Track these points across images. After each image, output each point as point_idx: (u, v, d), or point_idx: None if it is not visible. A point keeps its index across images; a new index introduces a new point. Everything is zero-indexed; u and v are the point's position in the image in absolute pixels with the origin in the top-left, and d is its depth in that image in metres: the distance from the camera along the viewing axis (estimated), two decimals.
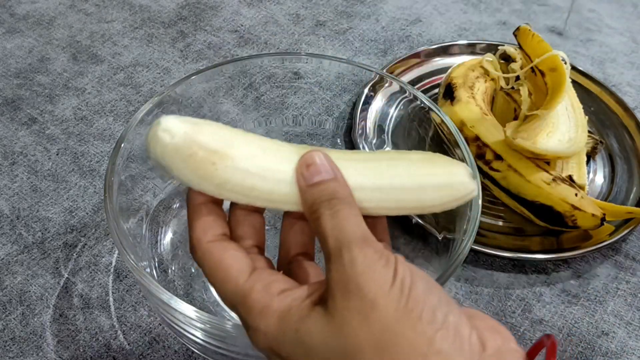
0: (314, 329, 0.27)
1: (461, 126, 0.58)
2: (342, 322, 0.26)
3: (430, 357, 0.25)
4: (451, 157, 0.49)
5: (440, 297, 0.27)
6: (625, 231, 0.55)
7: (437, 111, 0.50)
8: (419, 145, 0.57)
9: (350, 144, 0.61)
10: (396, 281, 0.26)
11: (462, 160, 0.47)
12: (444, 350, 0.25)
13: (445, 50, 0.73)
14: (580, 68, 0.70)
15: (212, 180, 0.30)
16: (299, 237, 0.35)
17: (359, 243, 0.27)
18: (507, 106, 0.63)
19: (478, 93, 0.62)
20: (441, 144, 0.51)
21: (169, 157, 0.30)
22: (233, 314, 0.49)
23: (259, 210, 0.34)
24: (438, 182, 0.33)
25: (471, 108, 0.60)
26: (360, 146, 0.59)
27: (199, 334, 0.40)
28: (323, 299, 0.28)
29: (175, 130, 0.30)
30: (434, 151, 0.53)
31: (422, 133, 0.55)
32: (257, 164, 0.30)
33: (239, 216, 0.34)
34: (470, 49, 0.73)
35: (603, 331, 0.51)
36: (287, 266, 0.35)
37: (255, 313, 0.29)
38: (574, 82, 0.69)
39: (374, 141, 0.60)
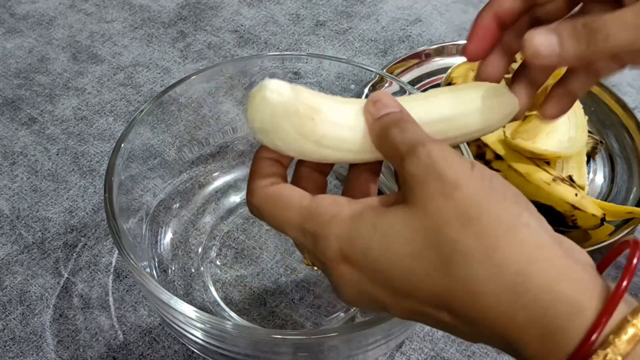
0: (394, 218, 0.27)
1: None
2: (424, 205, 0.26)
3: (521, 228, 0.26)
4: None
5: (519, 192, 0.28)
6: (625, 231, 0.55)
7: None
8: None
9: None
10: (475, 169, 0.27)
11: None
12: (532, 225, 0.26)
13: (445, 50, 0.72)
14: None
15: (312, 136, 0.31)
16: (364, 187, 0.35)
17: (433, 141, 0.28)
18: None
19: None
20: None
21: (278, 116, 0.30)
22: (233, 314, 0.49)
23: (323, 171, 0.35)
24: (490, 103, 0.35)
25: None
26: None
27: (199, 334, 0.40)
28: (397, 200, 0.28)
29: (282, 89, 0.30)
30: None
31: None
32: (345, 117, 0.32)
33: (303, 172, 0.35)
34: None
35: None
36: None
37: (325, 220, 0.29)
38: None
39: None
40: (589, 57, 0.32)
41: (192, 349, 0.46)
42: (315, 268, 0.32)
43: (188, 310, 0.38)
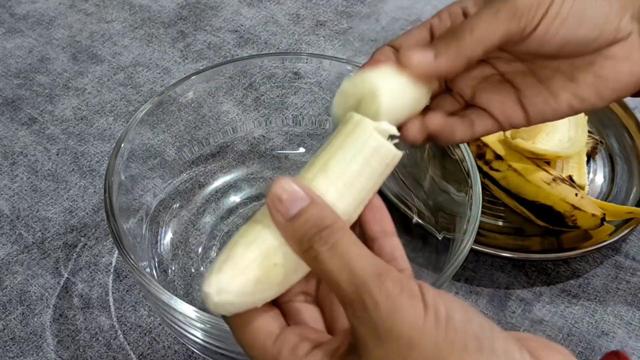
0: None
1: None
2: None
3: None
4: (451, 157, 0.49)
5: (482, 323, 0.24)
6: (625, 231, 0.55)
7: None
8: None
9: None
10: (428, 314, 0.24)
11: (462, 160, 0.47)
12: None
13: None
14: None
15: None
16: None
17: (375, 281, 0.25)
18: None
19: None
20: None
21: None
22: None
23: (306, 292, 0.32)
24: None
25: None
26: None
27: (199, 334, 0.40)
28: (353, 348, 0.26)
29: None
30: (434, 152, 0.53)
31: None
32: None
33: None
34: None
35: (603, 331, 0.51)
36: (289, 304, 0.31)
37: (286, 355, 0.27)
38: None
39: None
40: (463, 54, 0.33)
41: (192, 349, 0.46)
42: None
43: (188, 310, 0.38)
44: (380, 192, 0.34)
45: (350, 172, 0.30)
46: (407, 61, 0.33)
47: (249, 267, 0.28)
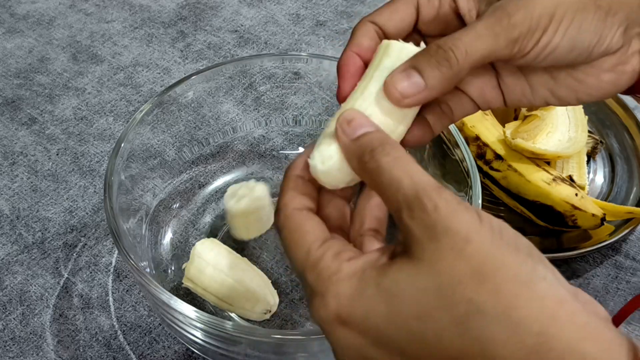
0: (399, 276, 0.25)
1: (461, 126, 0.58)
2: (433, 262, 0.25)
3: (538, 282, 0.24)
4: (451, 157, 0.49)
5: (529, 242, 0.26)
6: (625, 231, 0.55)
7: None
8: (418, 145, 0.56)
9: None
10: (484, 221, 0.25)
11: (462, 160, 0.47)
12: (549, 278, 0.24)
13: None
14: None
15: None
16: (375, 211, 0.33)
17: (435, 190, 0.26)
18: None
19: None
20: (441, 144, 0.51)
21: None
22: (233, 314, 0.49)
23: (345, 197, 0.33)
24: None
25: None
26: None
27: (198, 334, 0.40)
28: (400, 252, 0.27)
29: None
30: (434, 152, 0.53)
31: None
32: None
33: (326, 197, 0.33)
34: None
35: None
36: (359, 239, 0.33)
37: (324, 278, 0.27)
38: None
39: None
40: (456, 77, 0.32)
41: (192, 349, 0.46)
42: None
43: (188, 310, 0.38)
44: None
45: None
46: (392, 91, 0.31)
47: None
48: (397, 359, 0.26)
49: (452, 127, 0.48)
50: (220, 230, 0.55)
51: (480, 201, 0.44)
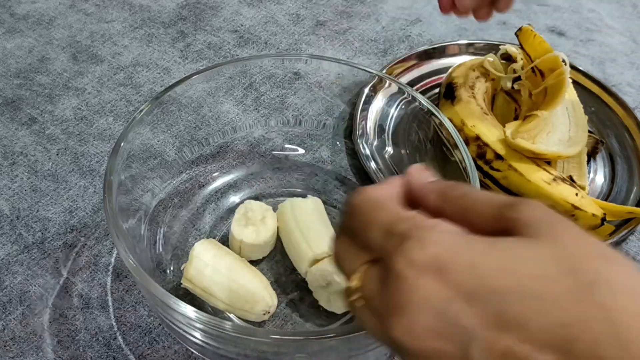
0: (517, 243, 0.24)
1: (462, 126, 0.58)
2: (555, 237, 0.24)
3: None
4: (450, 159, 0.49)
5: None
6: (625, 231, 0.55)
7: (436, 113, 0.50)
8: (419, 146, 0.57)
9: (351, 144, 0.61)
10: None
11: (462, 161, 0.47)
12: None
13: (445, 50, 0.72)
14: (580, 68, 0.70)
15: None
16: None
17: (527, 200, 0.27)
18: (507, 106, 0.63)
19: (479, 93, 0.62)
20: (441, 145, 0.51)
21: None
22: (232, 315, 0.49)
23: None
24: None
25: (472, 108, 0.60)
26: (361, 147, 0.59)
27: (198, 334, 0.40)
28: (511, 233, 0.25)
29: None
30: (434, 153, 0.53)
31: (422, 135, 0.55)
32: None
33: None
34: (470, 48, 0.73)
35: None
36: None
37: (424, 226, 0.25)
38: (574, 82, 0.69)
39: (375, 142, 0.60)
40: None
41: (192, 349, 0.46)
42: (355, 301, 0.28)
43: (187, 310, 0.38)
44: None
45: None
46: None
47: None
48: (485, 322, 0.23)
49: (451, 128, 0.48)
50: (219, 231, 0.55)
51: None
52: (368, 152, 0.59)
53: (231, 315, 0.49)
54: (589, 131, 0.61)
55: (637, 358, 0.21)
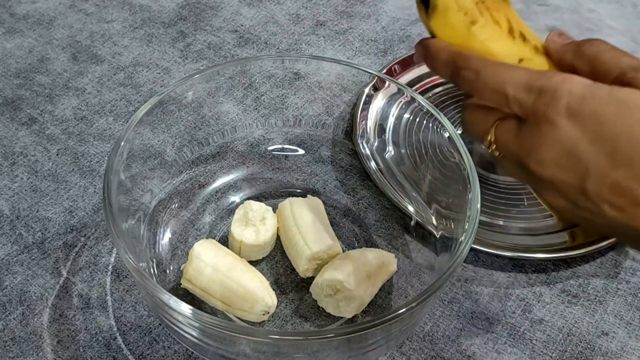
0: (634, 93, 0.28)
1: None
2: None
3: None
4: (450, 159, 0.49)
5: None
6: None
7: (436, 113, 0.50)
8: (419, 146, 0.57)
9: (351, 144, 0.61)
10: None
11: (462, 163, 0.47)
12: None
13: None
14: None
15: None
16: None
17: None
18: None
19: None
20: (441, 147, 0.51)
21: None
22: (231, 315, 0.49)
23: None
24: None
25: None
26: (361, 147, 0.59)
27: (197, 334, 0.40)
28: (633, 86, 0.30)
29: None
30: (434, 153, 0.53)
31: (421, 136, 0.55)
32: None
33: None
34: None
35: (603, 331, 0.51)
36: None
37: (557, 80, 0.30)
38: None
39: (375, 143, 0.60)
40: None
41: (192, 350, 0.46)
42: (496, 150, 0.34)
43: (187, 310, 0.38)
44: (380, 193, 0.34)
45: None
46: None
47: None
48: (604, 158, 0.28)
49: (451, 130, 0.48)
50: (219, 231, 0.55)
51: (479, 205, 0.44)
52: (368, 152, 0.59)
53: (230, 316, 0.49)
54: None
55: None
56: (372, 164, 0.58)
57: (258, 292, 0.47)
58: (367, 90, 0.62)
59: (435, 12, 0.37)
